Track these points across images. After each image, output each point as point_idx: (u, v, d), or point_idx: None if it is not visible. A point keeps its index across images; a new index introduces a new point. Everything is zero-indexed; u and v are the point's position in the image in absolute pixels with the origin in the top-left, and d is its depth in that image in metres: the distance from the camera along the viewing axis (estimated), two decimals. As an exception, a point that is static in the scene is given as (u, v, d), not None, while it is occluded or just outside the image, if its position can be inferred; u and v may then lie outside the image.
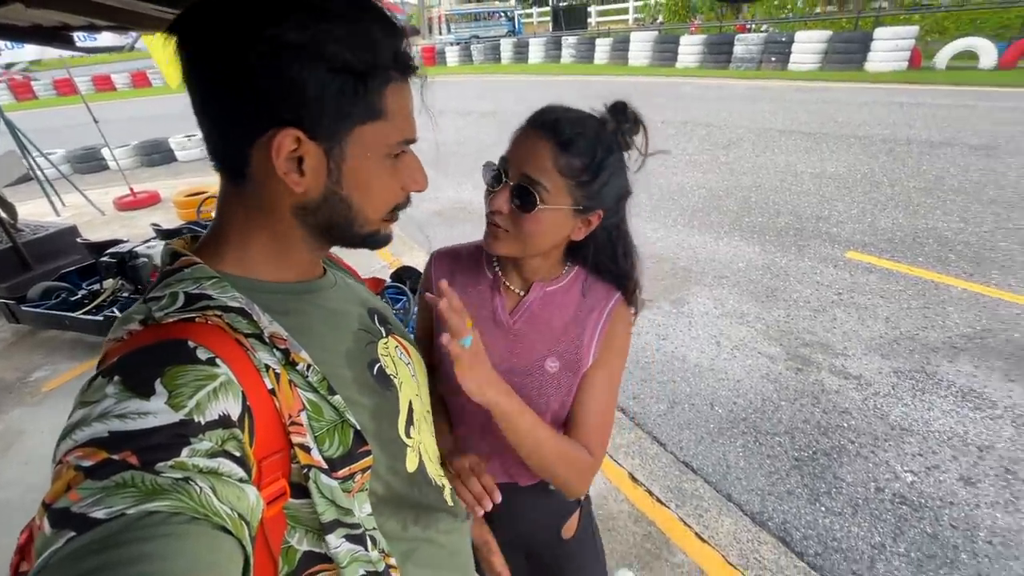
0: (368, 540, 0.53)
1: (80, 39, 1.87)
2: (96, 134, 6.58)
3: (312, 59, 0.45)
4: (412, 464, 0.65)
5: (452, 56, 20.55)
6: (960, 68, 10.46)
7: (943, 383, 2.60)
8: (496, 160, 0.77)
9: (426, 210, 5.55)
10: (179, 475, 0.37)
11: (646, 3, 21.36)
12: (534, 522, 0.97)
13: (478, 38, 22.19)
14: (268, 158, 0.47)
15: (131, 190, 6.50)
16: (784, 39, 12.31)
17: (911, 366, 2.74)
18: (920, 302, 3.27)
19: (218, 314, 0.47)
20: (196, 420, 0.40)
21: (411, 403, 0.66)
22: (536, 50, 18.19)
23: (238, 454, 0.42)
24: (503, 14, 24.08)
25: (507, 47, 19.14)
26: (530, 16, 26.34)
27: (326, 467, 0.49)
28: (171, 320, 0.46)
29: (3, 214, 4.15)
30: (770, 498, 2.08)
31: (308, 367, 0.50)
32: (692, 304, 3.41)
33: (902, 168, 5.52)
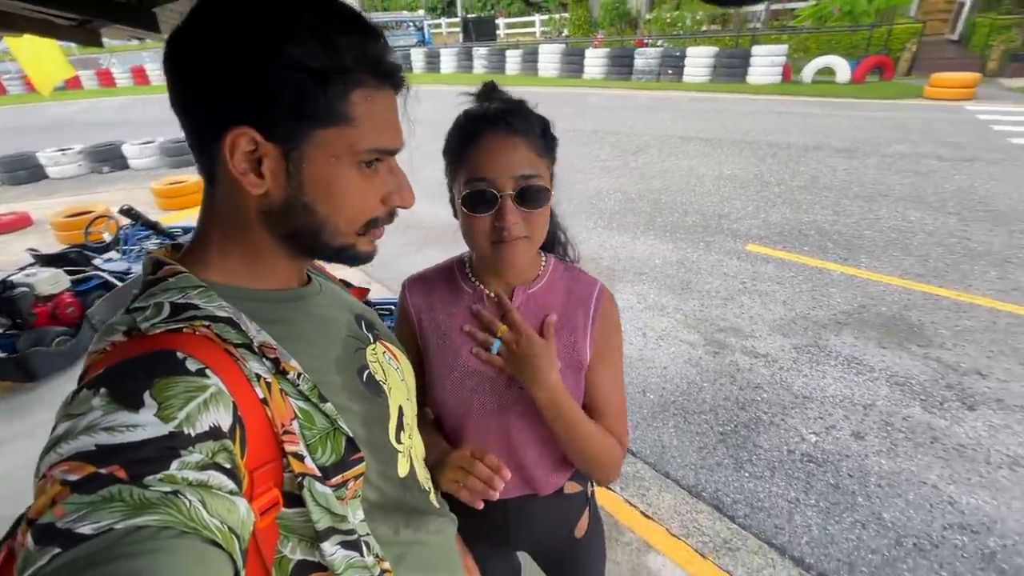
0: (363, 546, 0.53)
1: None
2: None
3: (269, 56, 0.45)
4: (404, 469, 0.65)
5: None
6: (822, 82, 12.03)
7: (832, 354, 2.99)
8: (466, 186, 0.74)
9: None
10: (168, 488, 0.36)
11: (551, 17, 22.27)
12: (550, 528, 0.97)
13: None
14: (227, 159, 0.47)
15: (-6, 212, 5.68)
16: (678, 54, 13.44)
17: (806, 341, 3.11)
18: (809, 286, 3.73)
19: (206, 324, 0.46)
20: (186, 432, 0.39)
21: (401, 408, 0.66)
22: (448, 60, 18.30)
23: (228, 466, 0.42)
24: (412, 24, 23.91)
25: (419, 57, 19.08)
26: (439, 27, 26.41)
27: (320, 475, 0.48)
28: (158, 331, 0.45)
29: None
30: (702, 471, 2.27)
31: (299, 375, 0.49)
32: (617, 299, 3.57)
33: (785, 169, 6.24)
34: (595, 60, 14.74)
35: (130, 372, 0.41)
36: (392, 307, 2.47)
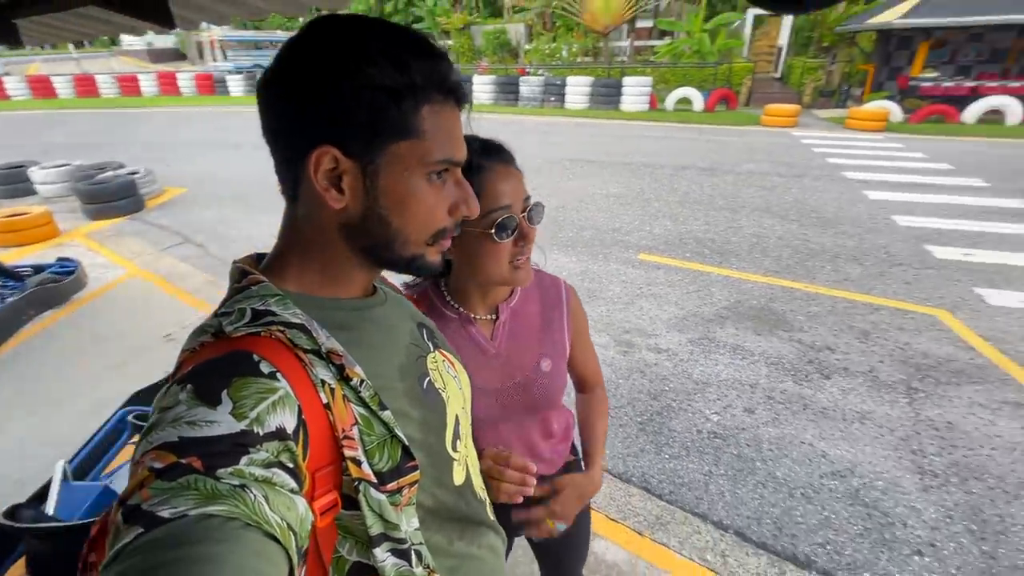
0: (413, 555, 0.54)
1: None
2: None
3: (347, 77, 0.49)
4: (459, 477, 0.66)
5: (236, 86, 18.72)
6: (682, 110, 13.72)
7: (720, 344, 3.44)
8: (485, 217, 0.77)
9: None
10: (237, 482, 0.39)
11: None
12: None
13: (262, 67, 20.55)
14: (312, 177, 0.51)
15: None
16: (559, 82, 14.47)
17: (699, 335, 3.55)
18: (695, 287, 4.24)
19: (281, 329, 0.49)
20: (255, 431, 0.42)
21: (457, 417, 0.67)
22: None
23: (291, 466, 0.44)
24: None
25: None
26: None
27: (375, 480, 0.50)
28: (239, 334, 0.48)
29: None
30: (629, 458, 2.49)
31: (361, 382, 0.52)
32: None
33: (662, 187, 7.02)
34: (483, 86, 15.32)
35: (212, 371, 0.45)
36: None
